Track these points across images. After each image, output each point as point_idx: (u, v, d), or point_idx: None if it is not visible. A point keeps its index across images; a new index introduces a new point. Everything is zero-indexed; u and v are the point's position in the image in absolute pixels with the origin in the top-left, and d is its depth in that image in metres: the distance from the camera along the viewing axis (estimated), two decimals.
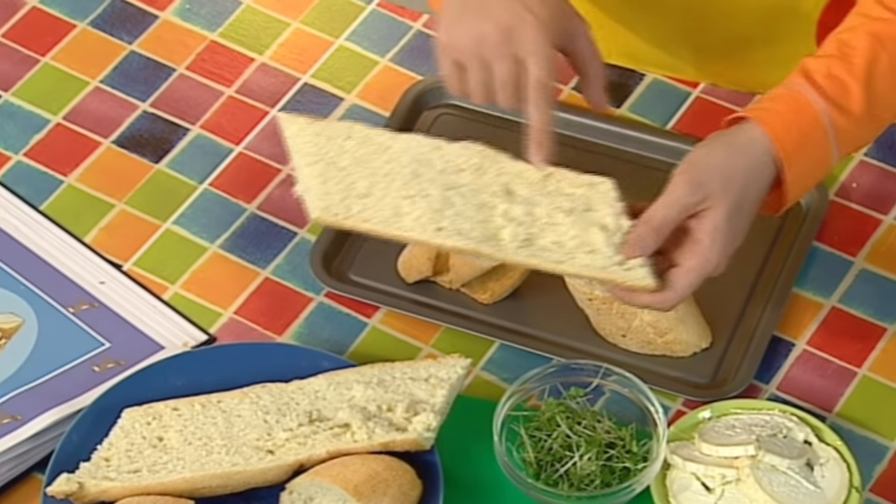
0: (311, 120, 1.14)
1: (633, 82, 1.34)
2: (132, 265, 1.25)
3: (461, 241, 1.08)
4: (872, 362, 1.20)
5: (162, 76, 1.35)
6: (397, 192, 1.10)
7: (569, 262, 1.08)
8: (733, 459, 1.12)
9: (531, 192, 1.10)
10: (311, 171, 1.11)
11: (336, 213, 1.10)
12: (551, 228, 1.09)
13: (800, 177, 1.11)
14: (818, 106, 1.10)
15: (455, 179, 1.10)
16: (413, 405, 1.13)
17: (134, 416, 1.15)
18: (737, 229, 1.10)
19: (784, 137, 1.10)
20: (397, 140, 1.12)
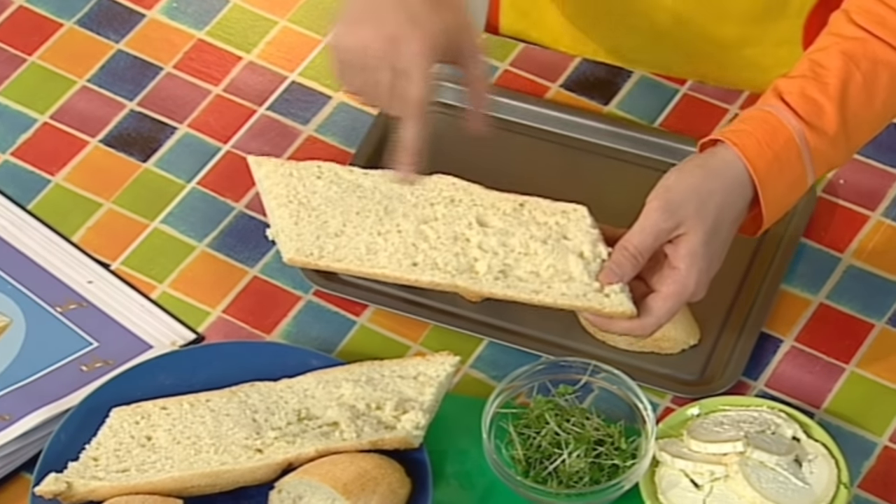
0: (280, 161, 1.15)
1: (621, 79, 1.34)
2: (120, 264, 1.25)
3: (437, 276, 1.09)
4: (860, 358, 1.20)
5: (149, 75, 1.35)
6: (370, 230, 1.11)
7: (546, 292, 1.09)
8: (722, 456, 1.12)
9: (504, 222, 1.11)
10: (282, 213, 1.12)
11: (310, 253, 1.11)
12: (527, 258, 1.10)
13: (776, 198, 1.11)
14: (792, 127, 1.10)
15: (428, 213, 1.11)
16: (402, 403, 1.13)
17: (122, 416, 1.15)
18: (714, 254, 1.10)
19: (758, 160, 1.10)
20: (368, 177, 1.13)
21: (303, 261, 1.11)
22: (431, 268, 1.09)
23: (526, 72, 1.35)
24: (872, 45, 1.11)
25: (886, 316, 1.22)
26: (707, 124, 1.31)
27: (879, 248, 1.25)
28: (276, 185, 1.14)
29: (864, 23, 1.12)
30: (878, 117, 1.13)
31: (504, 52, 1.36)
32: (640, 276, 1.10)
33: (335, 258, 1.11)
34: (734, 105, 1.33)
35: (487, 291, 1.09)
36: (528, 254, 1.10)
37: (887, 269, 1.24)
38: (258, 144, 1.32)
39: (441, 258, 1.09)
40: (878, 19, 1.11)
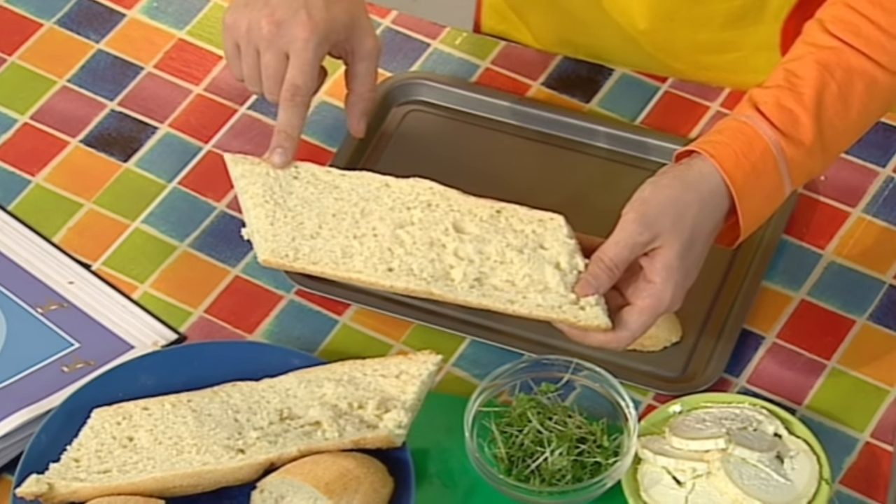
0: (257, 160, 1.14)
1: (602, 77, 1.34)
2: (101, 265, 1.25)
3: (412, 283, 1.08)
4: (842, 354, 1.20)
5: (130, 75, 1.34)
6: (346, 232, 1.10)
7: (521, 303, 1.08)
8: (704, 453, 1.12)
9: (481, 229, 1.10)
10: (258, 213, 1.12)
11: (285, 254, 1.10)
12: (503, 267, 1.09)
13: (753, 209, 1.11)
14: (768, 138, 1.10)
15: (405, 217, 1.11)
16: (384, 402, 1.13)
17: (104, 416, 1.14)
18: (690, 267, 1.10)
19: (735, 171, 1.10)
20: (346, 178, 1.12)
21: (278, 262, 1.11)
22: (407, 274, 1.09)
23: (507, 70, 1.35)
24: (847, 55, 1.11)
25: (867, 312, 1.22)
26: (688, 121, 1.32)
27: (860, 245, 1.25)
28: (252, 185, 1.13)
29: (838, 32, 1.12)
30: (854, 126, 1.13)
31: (485, 50, 1.36)
32: (616, 287, 1.10)
33: (311, 261, 1.10)
34: (715, 102, 1.33)
35: (462, 300, 1.09)
36: (504, 262, 1.09)
37: (868, 265, 1.24)
38: (239, 144, 1.31)
39: (417, 264, 1.09)
40: (853, 28, 1.11)
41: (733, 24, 1.31)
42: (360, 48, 1.16)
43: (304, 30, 1.13)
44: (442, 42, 1.36)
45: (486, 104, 1.32)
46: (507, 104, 1.32)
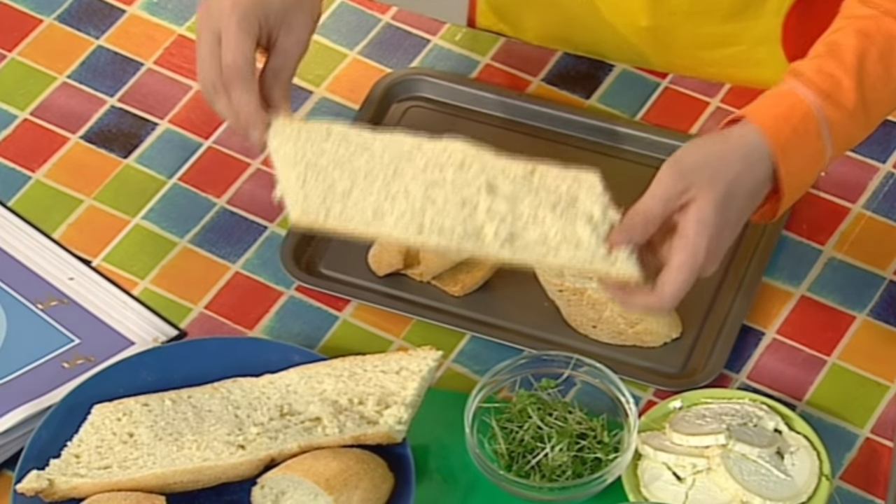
0: (289, 120, 1.13)
1: (602, 73, 1.34)
2: (101, 261, 1.25)
3: (443, 240, 1.07)
4: (842, 350, 1.20)
5: (130, 71, 1.34)
6: (378, 192, 1.09)
7: (553, 256, 1.06)
8: (704, 449, 1.12)
9: (514, 188, 1.09)
10: (290, 173, 1.10)
11: (316, 214, 1.08)
12: (535, 224, 1.08)
13: (795, 172, 1.10)
14: (810, 101, 1.10)
15: (437, 176, 1.09)
16: (384, 398, 1.13)
17: (104, 412, 1.14)
18: (727, 224, 1.07)
19: (777, 133, 1.09)
20: (378, 139, 1.11)
21: (309, 222, 1.08)
22: (438, 232, 1.07)
23: (507, 66, 1.35)
24: (885, 22, 1.12)
25: (868, 308, 1.22)
26: (688, 117, 1.31)
27: (861, 241, 1.25)
28: (284, 145, 1.11)
29: (874, 2, 1.12)
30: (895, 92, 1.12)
31: (485, 46, 1.36)
32: (652, 250, 1.08)
33: (342, 220, 1.08)
34: (715, 98, 1.33)
35: (494, 256, 1.07)
36: (537, 220, 1.07)
37: (868, 261, 1.24)
38: (239, 140, 1.30)
39: (448, 222, 1.07)
40: None
41: (735, 17, 1.31)
42: (282, 40, 1.13)
43: (225, 6, 1.10)
44: (442, 38, 1.36)
45: (486, 100, 1.32)
46: (507, 100, 1.32)
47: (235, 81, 1.11)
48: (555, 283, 1.18)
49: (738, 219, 1.09)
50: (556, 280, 1.18)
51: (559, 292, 1.19)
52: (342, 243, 1.24)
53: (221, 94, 1.12)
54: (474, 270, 1.22)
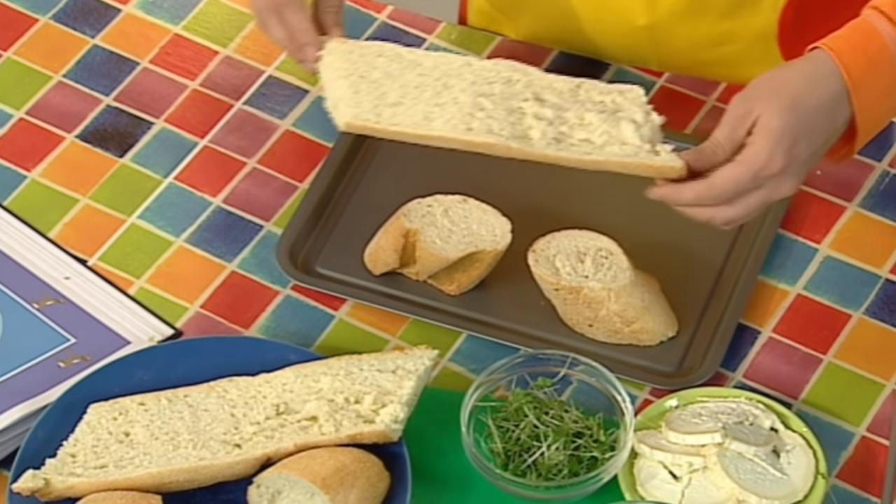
0: (343, 40, 1.17)
1: (599, 72, 1.34)
2: (97, 260, 1.25)
3: (491, 138, 1.10)
4: (838, 349, 1.20)
5: (125, 70, 1.34)
6: (428, 101, 1.12)
7: (598, 153, 1.10)
8: (700, 447, 1.12)
9: (561, 98, 1.13)
10: (341, 84, 1.13)
11: (366, 118, 1.11)
12: (581, 127, 1.11)
13: (869, 104, 1.10)
14: (886, 33, 1.10)
15: (485, 89, 1.13)
16: (380, 397, 1.13)
17: (100, 412, 1.14)
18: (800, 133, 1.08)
19: (851, 61, 1.10)
20: (428, 57, 1.15)
21: (360, 125, 1.11)
22: (486, 132, 1.10)
23: None
24: None
25: (863, 306, 1.22)
26: (685, 116, 1.31)
27: (856, 239, 1.25)
28: (337, 60, 1.15)
29: None
30: None
31: (481, 45, 1.36)
32: None
33: (392, 123, 1.11)
34: (711, 97, 1.33)
35: (541, 154, 1.10)
36: (583, 124, 1.11)
37: (864, 259, 1.24)
38: (235, 139, 1.31)
39: (496, 125, 1.10)
40: None
41: (731, 14, 1.31)
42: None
43: None
44: (437, 37, 1.36)
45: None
46: None
47: (287, 4, 1.15)
48: (551, 281, 1.19)
49: (811, 131, 1.09)
50: (552, 279, 1.18)
51: (555, 291, 1.19)
52: (338, 242, 1.25)
53: (274, 16, 1.16)
54: (470, 269, 1.22)
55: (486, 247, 1.20)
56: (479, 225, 1.21)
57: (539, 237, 1.20)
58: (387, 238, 1.22)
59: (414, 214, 1.22)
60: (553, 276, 1.18)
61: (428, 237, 1.21)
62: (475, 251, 1.20)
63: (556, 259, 1.19)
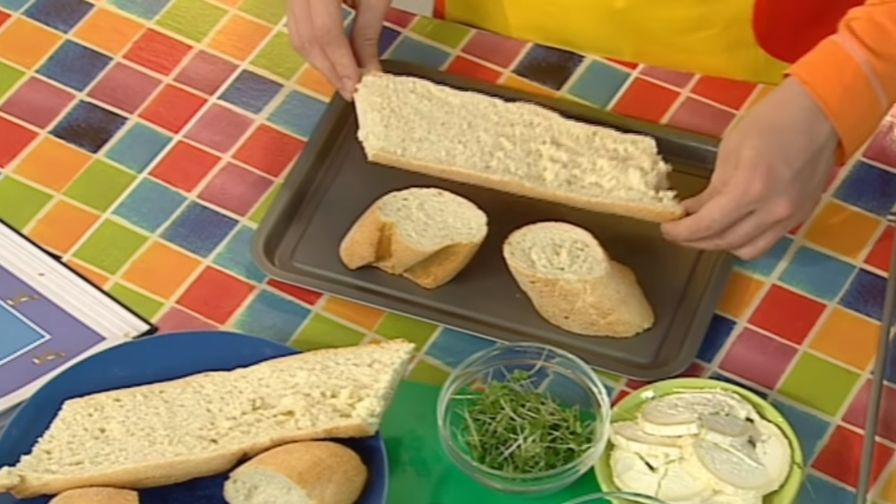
0: (379, 74, 1.26)
1: (573, 64, 1.34)
2: (71, 256, 1.24)
3: (507, 177, 1.19)
4: (813, 339, 1.20)
5: (99, 65, 1.33)
6: (453, 138, 1.21)
7: (605, 196, 1.18)
8: (676, 438, 1.12)
9: (577, 144, 1.21)
10: (374, 117, 1.22)
11: (393, 151, 1.20)
12: (593, 172, 1.20)
13: (851, 127, 1.15)
14: (858, 58, 1.13)
15: (507, 130, 1.22)
16: (357, 391, 1.13)
17: (75, 408, 1.14)
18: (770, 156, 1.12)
19: (827, 93, 1.14)
20: (456, 96, 1.24)
21: (387, 157, 1.21)
22: (503, 171, 1.19)
23: (477, 57, 1.34)
24: None
25: (838, 296, 1.22)
26: (659, 107, 1.31)
27: (831, 229, 1.25)
28: (372, 94, 1.24)
29: None
30: None
31: (455, 37, 1.35)
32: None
33: (416, 157, 1.20)
34: (686, 88, 1.33)
35: (552, 195, 1.19)
36: (595, 169, 1.20)
37: (839, 249, 1.24)
38: (210, 134, 1.31)
39: (514, 165, 1.20)
40: None
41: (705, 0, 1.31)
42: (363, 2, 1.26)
43: None
44: (412, 30, 1.36)
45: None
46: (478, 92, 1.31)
47: (330, 42, 1.23)
48: (526, 274, 1.18)
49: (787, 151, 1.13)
50: (528, 271, 1.18)
51: (531, 283, 1.19)
52: (314, 236, 1.25)
53: (317, 49, 1.24)
54: (446, 262, 1.22)
55: (461, 240, 1.20)
56: (455, 218, 1.21)
57: (515, 230, 1.20)
58: (362, 232, 1.22)
59: (389, 208, 1.22)
60: (529, 268, 1.18)
61: (403, 230, 1.20)
62: (451, 244, 1.20)
63: (532, 251, 1.19)
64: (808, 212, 1.17)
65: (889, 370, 1.18)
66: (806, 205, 1.16)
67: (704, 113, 1.30)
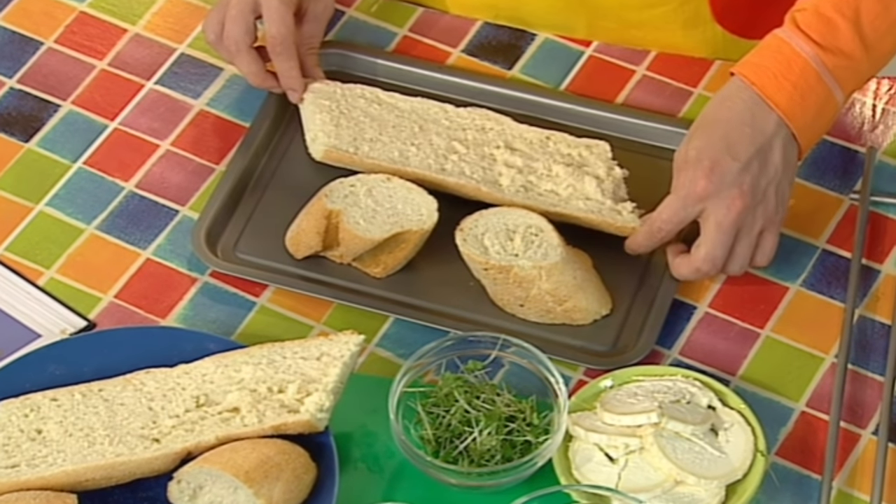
0: (325, 83, 1.25)
1: (525, 43, 1.32)
2: (4, 251, 1.21)
3: (462, 180, 1.19)
4: (775, 322, 1.18)
5: (29, 50, 1.30)
6: (405, 140, 1.21)
7: (563, 206, 1.18)
8: (636, 428, 1.10)
9: (531, 149, 1.21)
10: (322, 117, 1.22)
11: (345, 149, 1.20)
12: (549, 178, 1.19)
13: (805, 125, 1.14)
14: (805, 53, 1.13)
15: (460, 135, 1.22)
16: (305, 385, 1.10)
17: (10, 409, 1.11)
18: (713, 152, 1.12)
19: (775, 92, 1.13)
20: (406, 101, 1.24)
21: (337, 156, 1.20)
22: (458, 174, 1.19)
23: (426, 37, 1.32)
24: None
25: (801, 278, 1.20)
26: (614, 86, 1.29)
27: (793, 210, 1.23)
28: (320, 98, 1.23)
29: None
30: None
31: (402, 17, 1.33)
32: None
33: (369, 156, 1.20)
34: (641, 66, 1.31)
35: (509, 201, 1.18)
36: (550, 175, 1.19)
37: (801, 230, 1.23)
38: (147, 120, 1.28)
39: (468, 168, 1.19)
40: None
41: None
42: (312, 7, 1.24)
43: None
44: (357, 10, 1.33)
45: (405, 73, 1.29)
46: (427, 73, 1.29)
47: (281, 52, 1.22)
48: (479, 261, 1.16)
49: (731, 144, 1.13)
50: (481, 258, 1.16)
51: (484, 271, 1.17)
52: (258, 226, 1.22)
53: (244, 55, 1.22)
54: (396, 251, 1.19)
55: (412, 227, 1.18)
56: (405, 204, 1.19)
57: (466, 216, 1.18)
58: (308, 220, 1.19)
59: (336, 195, 1.19)
60: (482, 255, 1.16)
61: (351, 218, 1.18)
62: (401, 231, 1.18)
63: (485, 237, 1.16)
64: (776, 205, 1.15)
65: (854, 353, 1.16)
66: (769, 197, 1.14)
67: (662, 91, 1.29)
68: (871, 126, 1.27)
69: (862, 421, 1.13)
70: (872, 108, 1.28)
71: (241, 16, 1.21)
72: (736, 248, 1.15)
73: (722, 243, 1.14)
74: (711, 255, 1.14)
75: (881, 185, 1.24)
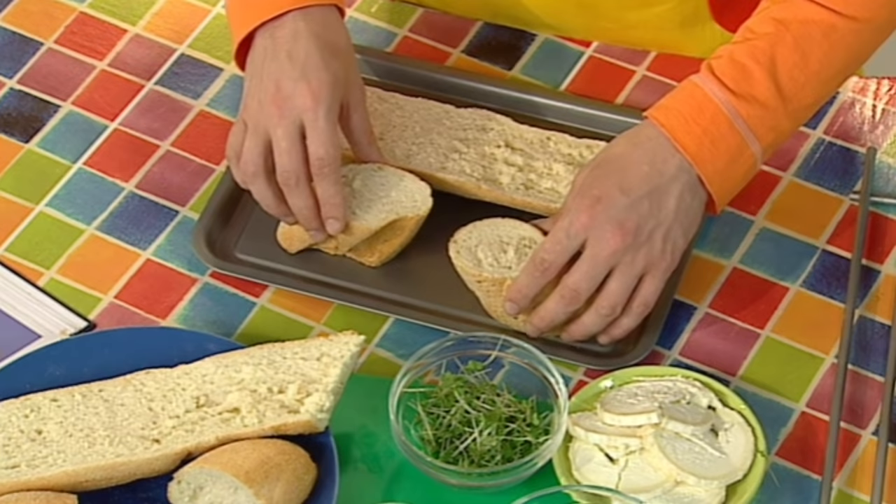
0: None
1: (525, 43, 1.32)
2: (4, 251, 1.21)
3: (463, 177, 1.20)
4: (775, 323, 1.18)
5: (29, 51, 1.30)
6: (408, 140, 1.22)
7: (560, 202, 1.17)
8: (636, 428, 1.10)
9: (531, 149, 1.21)
10: None
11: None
12: (549, 177, 1.19)
13: (718, 171, 1.11)
14: (718, 99, 1.10)
15: (461, 135, 1.22)
16: (305, 386, 1.10)
17: (10, 409, 1.11)
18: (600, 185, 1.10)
19: (684, 135, 1.11)
20: (409, 102, 1.24)
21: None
22: (459, 172, 1.20)
23: (426, 38, 1.32)
24: (801, 6, 1.12)
25: (801, 279, 1.20)
26: (614, 87, 1.29)
27: (792, 210, 1.23)
28: None
29: None
30: (818, 77, 1.13)
31: (403, 17, 1.33)
32: None
33: None
34: (641, 66, 1.31)
35: (509, 199, 1.18)
36: (551, 174, 1.19)
37: (801, 230, 1.22)
38: (147, 121, 1.28)
39: (469, 167, 1.20)
40: None
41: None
42: (352, 99, 1.17)
43: (307, 99, 1.12)
44: (357, 10, 1.33)
45: (405, 74, 1.29)
46: (427, 73, 1.29)
47: (327, 173, 1.14)
48: (473, 273, 1.16)
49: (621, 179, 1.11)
50: (475, 271, 1.16)
51: (477, 283, 1.16)
52: (257, 226, 1.22)
53: (304, 185, 1.14)
54: (392, 239, 1.19)
55: (407, 213, 1.18)
56: (398, 191, 1.19)
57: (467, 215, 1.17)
58: None
59: None
60: (475, 267, 1.16)
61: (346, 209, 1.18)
62: (396, 218, 1.18)
63: (478, 249, 1.16)
64: (662, 251, 1.11)
65: (854, 354, 1.16)
66: (654, 240, 1.10)
67: (661, 91, 1.28)
68: (871, 126, 1.27)
69: (862, 421, 1.13)
70: (872, 108, 1.28)
71: (291, 142, 1.12)
72: (610, 284, 1.10)
73: (590, 276, 1.09)
74: (576, 284, 1.10)
75: (881, 185, 1.24)
